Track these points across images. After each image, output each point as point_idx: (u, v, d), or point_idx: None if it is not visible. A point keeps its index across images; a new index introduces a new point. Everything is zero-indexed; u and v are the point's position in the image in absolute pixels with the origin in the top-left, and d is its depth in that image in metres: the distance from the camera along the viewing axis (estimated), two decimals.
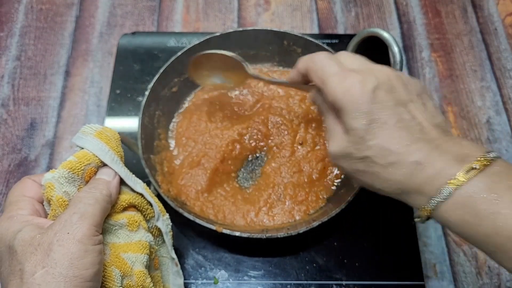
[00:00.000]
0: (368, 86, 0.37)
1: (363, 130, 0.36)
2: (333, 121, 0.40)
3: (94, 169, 0.40)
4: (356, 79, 0.37)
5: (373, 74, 0.38)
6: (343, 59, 0.41)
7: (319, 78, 0.40)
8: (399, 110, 0.37)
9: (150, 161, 0.54)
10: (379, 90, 0.37)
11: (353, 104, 0.37)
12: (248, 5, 0.76)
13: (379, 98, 0.37)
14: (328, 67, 0.40)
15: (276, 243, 0.53)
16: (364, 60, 0.41)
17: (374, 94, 0.37)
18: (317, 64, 0.41)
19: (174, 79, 0.60)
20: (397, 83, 0.38)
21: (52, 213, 0.38)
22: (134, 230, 0.41)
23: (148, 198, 0.43)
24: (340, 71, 0.39)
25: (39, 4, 0.75)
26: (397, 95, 0.37)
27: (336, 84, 0.38)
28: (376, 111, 0.36)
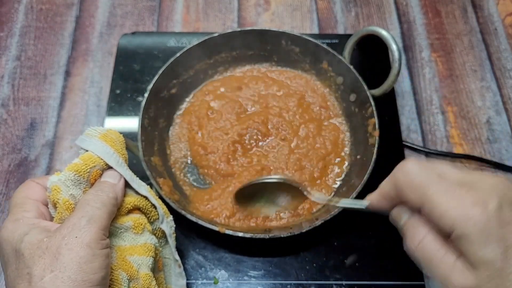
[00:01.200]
0: (490, 205, 0.30)
1: (499, 261, 0.30)
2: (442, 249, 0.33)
3: (99, 172, 0.40)
4: (473, 199, 0.31)
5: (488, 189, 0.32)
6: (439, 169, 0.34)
7: (418, 197, 0.33)
8: None
9: (151, 163, 0.54)
10: (504, 207, 0.31)
11: (479, 230, 0.30)
12: (248, 5, 0.76)
13: (508, 217, 0.31)
14: (428, 182, 0.33)
15: (277, 243, 0.53)
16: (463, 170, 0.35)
17: (501, 214, 0.30)
18: (412, 177, 0.34)
19: (173, 81, 0.60)
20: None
21: (58, 216, 0.38)
22: (139, 233, 0.41)
23: (152, 201, 0.43)
24: (447, 188, 0.32)
25: (39, 4, 0.75)
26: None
27: (448, 206, 0.31)
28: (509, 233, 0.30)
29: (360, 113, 0.58)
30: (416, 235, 0.34)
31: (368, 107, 0.56)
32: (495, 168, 0.62)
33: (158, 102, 0.58)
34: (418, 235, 0.34)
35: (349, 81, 0.59)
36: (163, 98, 0.59)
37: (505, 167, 0.62)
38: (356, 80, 0.58)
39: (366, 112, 0.57)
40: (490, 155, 0.63)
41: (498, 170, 0.62)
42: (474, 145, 0.64)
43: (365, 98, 0.57)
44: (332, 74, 0.61)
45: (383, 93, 0.57)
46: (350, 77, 0.59)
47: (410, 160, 0.35)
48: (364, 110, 0.57)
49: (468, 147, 0.64)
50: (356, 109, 0.59)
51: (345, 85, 0.60)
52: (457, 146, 0.64)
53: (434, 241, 0.33)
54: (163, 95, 0.59)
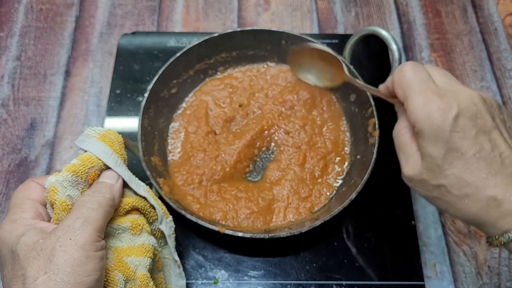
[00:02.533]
0: (450, 113, 0.35)
1: (440, 159, 0.36)
2: (410, 139, 0.40)
3: (97, 172, 0.40)
4: (439, 105, 0.36)
5: (457, 99, 0.36)
6: (430, 74, 0.39)
7: (403, 93, 0.39)
8: (480, 140, 0.35)
9: (151, 163, 0.54)
10: (461, 117, 0.35)
11: (433, 130, 0.36)
12: (248, 5, 0.76)
13: (461, 127, 0.35)
14: (412, 83, 0.38)
15: (277, 243, 0.53)
16: (450, 78, 0.39)
17: (456, 122, 0.35)
18: (402, 77, 0.39)
19: (173, 81, 0.60)
20: (482, 107, 0.36)
21: (55, 217, 0.38)
22: (137, 234, 0.41)
23: (151, 201, 0.43)
24: (424, 90, 0.37)
25: (39, 4, 0.75)
26: (480, 122, 0.36)
27: (418, 106, 0.37)
28: (456, 140, 0.35)
29: (360, 113, 0.58)
30: (398, 125, 0.41)
31: (368, 107, 0.56)
32: None
33: (158, 102, 0.58)
34: (399, 125, 0.41)
35: None
36: (163, 98, 0.59)
37: None
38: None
39: (366, 112, 0.57)
40: None
41: None
42: None
43: (365, 98, 0.57)
44: None
45: None
46: None
47: (409, 62, 0.40)
48: (364, 110, 0.57)
49: None
50: (356, 109, 0.59)
51: (345, 85, 0.60)
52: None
53: (407, 133, 0.40)
54: (163, 95, 0.59)
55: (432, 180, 0.37)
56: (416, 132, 0.38)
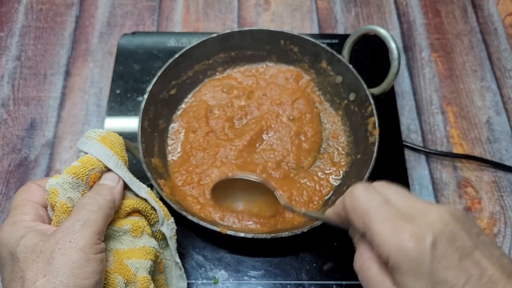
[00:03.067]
0: (426, 241, 0.31)
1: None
2: (379, 273, 0.34)
3: (98, 174, 0.40)
4: (410, 233, 0.31)
5: (426, 222, 0.32)
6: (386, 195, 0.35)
7: (361, 223, 0.34)
8: (466, 265, 0.31)
9: (151, 164, 0.54)
10: (438, 243, 0.31)
11: (411, 264, 0.31)
12: (248, 5, 0.76)
13: (441, 254, 0.31)
14: (372, 209, 0.34)
15: (277, 243, 0.53)
16: (408, 197, 0.35)
17: (434, 250, 0.31)
18: (358, 202, 0.35)
19: (172, 82, 0.60)
20: (456, 226, 0.32)
21: (55, 219, 0.38)
22: (138, 236, 0.41)
23: (152, 203, 0.43)
24: (388, 216, 0.33)
25: (39, 4, 0.75)
26: (460, 244, 0.31)
27: (387, 237, 0.32)
28: (440, 270, 0.31)
29: (360, 112, 0.58)
30: (360, 257, 0.36)
31: (368, 106, 0.56)
32: (495, 168, 0.62)
33: (157, 103, 0.58)
34: (361, 257, 0.36)
35: (348, 80, 0.59)
36: (162, 99, 0.59)
37: (505, 167, 0.62)
38: (355, 79, 0.58)
39: (366, 111, 0.57)
40: (490, 155, 0.63)
41: (498, 170, 0.62)
42: (474, 145, 0.64)
43: (364, 97, 0.57)
44: (331, 73, 0.62)
45: (382, 92, 0.57)
46: (349, 76, 0.59)
47: (359, 185, 0.36)
48: (363, 109, 0.57)
49: (468, 147, 0.64)
50: (356, 108, 0.59)
51: (344, 84, 0.60)
52: (457, 146, 0.64)
53: (374, 266, 0.34)
54: (162, 96, 0.59)
55: None
56: (389, 267, 0.32)
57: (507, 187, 0.61)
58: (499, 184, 0.61)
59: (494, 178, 0.62)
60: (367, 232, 0.34)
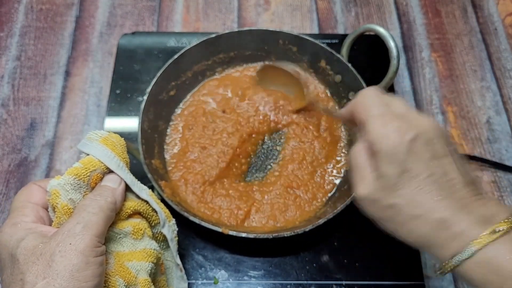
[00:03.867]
0: (407, 135, 0.37)
1: (395, 177, 0.37)
2: (366, 160, 0.40)
3: (100, 176, 0.40)
4: (397, 127, 0.37)
5: (414, 124, 0.38)
6: (389, 100, 0.40)
7: (362, 115, 0.40)
8: (433, 164, 0.37)
9: (152, 165, 0.54)
10: (417, 141, 0.37)
11: (390, 150, 0.37)
12: (248, 5, 0.76)
13: (416, 149, 0.36)
14: (373, 106, 0.39)
15: (277, 243, 0.53)
16: (409, 107, 0.40)
17: (412, 145, 0.36)
18: (363, 100, 0.41)
19: (172, 83, 0.60)
20: (436, 136, 0.38)
21: (56, 220, 0.38)
22: (138, 238, 0.41)
23: (153, 205, 0.43)
24: (383, 113, 0.39)
25: (39, 4, 0.75)
26: (434, 148, 0.37)
27: (377, 127, 0.38)
28: (411, 161, 0.36)
29: None
30: (356, 146, 0.41)
31: None
32: (495, 168, 0.62)
33: (157, 104, 0.58)
34: (357, 146, 0.41)
35: (347, 79, 0.59)
36: (162, 100, 0.59)
37: (505, 167, 0.62)
38: (355, 78, 0.58)
39: None
40: (490, 155, 0.63)
41: (498, 170, 0.62)
42: (474, 145, 0.64)
43: None
44: (330, 72, 0.62)
45: None
46: (348, 76, 0.59)
47: (371, 88, 0.42)
48: None
49: (468, 147, 0.64)
50: None
51: (343, 83, 0.60)
52: (457, 146, 0.64)
53: (364, 154, 0.40)
54: (161, 97, 0.59)
55: (385, 199, 0.38)
56: (373, 152, 0.38)
57: (507, 187, 0.61)
58: (499, 184, 0.61)
59: (494, 178, 0.62)
60: (365, 124, 0.39)
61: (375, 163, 0.38)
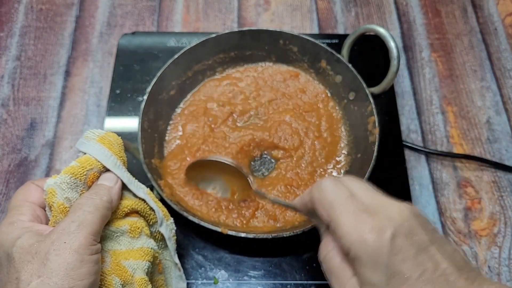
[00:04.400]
0: (386, 234, 0.32)
1: (383, 286, 0.32)
2: (340, 263, 0.36)
3: (96, 174, 0.40)
4: (372, 226, 0.33)
5: (388, 216, 0.34)
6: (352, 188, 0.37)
7: (327, 214, 0.36)
8: (421, 259, 0.33)
9: (151, 165, 0.54)
10: (397, 237, 0.33)
11: (370, 255, 0.33)
12: (248, 5, 0.76)
13: (399, 247, 0.32)
14: (337, 202, 0.35)
15: (277, 243, 0.53)
16: (373, 192, 0.37)
17: (393, 243, 0.32)
18: (325, 195, 0.37)
19: (172, 82, 0.60)
20: (415, 222, 0.34)
21: (53, 219, 0.38)
22: (136, 237, 0.41)
23: (150, 204, 0.43)
24: (351, 210, 0.35)
25: (39, 4, 0.75)
26: (417, 239, 0.33)
27: (349, 229, 0.34)
28: (397, 263, 0.32)
29: (360, 111, 0.58)
30: (324, 247, 0.37)
31: (368, 105, 0.56)
32: (495, 168, 0.62)
33: (157, 104, 0.58)
34: (325, 248, 0.37)
35: (348, 79, 0.59)
36: (162, 100, 0.59)
37: (505, 167, 0.62)
38: (355, 78, 0.58)
39: (366, 110, 0.57)
40: (490, 155, 0.63)
41: (498, 170, 0.62)
42: (474, 145, 0.64)
43: (364, 96, 0.57)
44: (330, 72, 0.62)
45: (382, 91, 0.57)
46: (349, 76, 0.59)
47: (327, 179, 0.38)
48: (363, 108, 0.57)
49: (468, 147, 0.64)
50: (356, 108, 0.59)
51: (344, 83, 0.60)
52: (457, 146, 0.64)
53: (336, 257, 0.36)
54: (162, 97, 0.59)
55: None
56: (350, 258, 0.34)
57: (507, 187, 0.61)
58: (499, 184, 0.61)
59: (494, 178, 0.62)
60: (331, 224, 0.35)
61: (354, 268, 0.34)
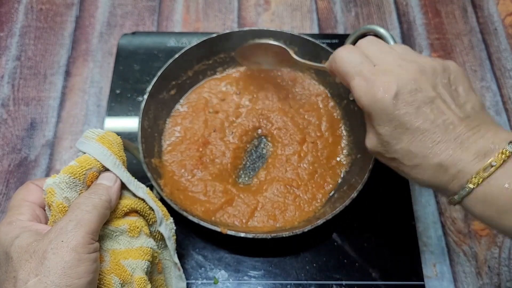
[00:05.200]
0: (390, 92, 0.38)
1: (388, 136, 0.39)
2: (366, 117, 0.43)
3: (96, 174, 0.40)
4: (378, 85, 0.38)
5: (396, 76, 0.38)
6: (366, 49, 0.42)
7: (344, 80, 0.42)
8: (422, 112, 0.37)
9: (151, 164, 0.54)
10: (401, 94, 0.38)
11: (377, 111, 0.39)
12: (248, 5, 0.76)
13: (402, 103, 0.38)
14: (350, 67, 0.41)
15: (277, 243, 0.53)
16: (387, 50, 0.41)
17: (397, 100, 0.38)
18: (339, 64, 0.42)
19: (172, 82, 0.60)
20: (422, 79, 0.38)
21: (52, 219, 0.38)
22: (135, 236, 0.41)
23: (150, 203, 0.43)
24: (362, 71, 0.40)
25: (39, 4, 0.75)
26: (421, 95, 0.38)
27: (360, 91, 0.40)
28: (399, 116, 0.38)
29: (360, 112, 0.57)
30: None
31: None
32: None
33: (157, 103, 0.58)
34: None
35: None
36: (162, 100, 0.59)
37: None
38: None
39: None
40: None
41: None
42: None
43: None
44: None
45: None
46: None
47: (340, 49, 0.43)
48: None
49: None
50: (356, 108, 0.59)
51: (344, 84, 0.60)
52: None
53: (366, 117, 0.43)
54: (162, 96, 0.59)
55: (386, 154, 0.41)
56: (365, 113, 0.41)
57: None
58: None
59: None
60: (349, 88, 0.41)
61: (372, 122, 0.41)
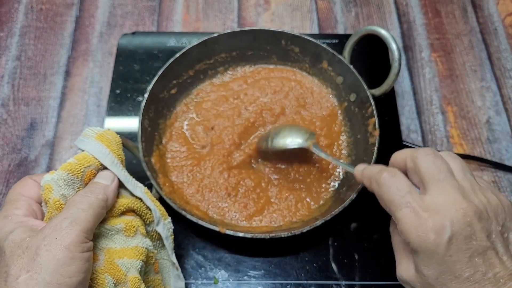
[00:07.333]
0: (443, 236, 0.35)
1: (434, 280, 0.36)
2: (401, 244, 0.40)
3: (94, 172, 0.40)
4: (431, 225, 0.35)
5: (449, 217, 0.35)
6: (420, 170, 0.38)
7: (388, 208, 0.39)
8: (474, 263, 0.35)
9: (151, 163, 0.54)
10: (455, 240, 0.35)
11: (427, 252, 0.35)
12: (248, 5, 0.76)
13: (454, 250, 0.35)
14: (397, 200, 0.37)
15: (277, 243, 0.53)
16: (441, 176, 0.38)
17: (449, 246, 0.35)
18: (384, 190, 0.39)
19: (173, 81, 0.60)
20: (477, 226, 0.35)
21: (48, 215, 0.38)
22: (131, 236, 0.41)
23: (147, 203, 0.43)
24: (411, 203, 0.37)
25: (39, 4, 0.75)
26: (476, 243, 0.35)
27: (408, 224, 0.36)
28: (450, 263, 0.35)
29: (360, 112, 0.58)
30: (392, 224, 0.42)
31: (368, 106, 0.56)
32: (495, 168, 0.62)
33: (158, 102, 0.58)
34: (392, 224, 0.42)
35: (349, 81, 0.59)
36: (163, 99, 0.59)
37: (505, 167, 0.62)
38: (356, 79, 0.58)
39: (366, 111, 0.57)
40: (490, 155, 0.63)
41: (498, 170, 0.62)
42: (474, 145, 0.64)
43: (365, 97, 0.57)
44: (332, 74, 0.61)
45: (383, 93, 0.57)
46: (350, 77, 0.59)
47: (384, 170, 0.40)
48: (364, 110, 0.57)
49: (468, 147, 0.64)
50: (356, 109, 0.59)
51: (345, 84, 0.60)
52: (457, 146, 0.64)
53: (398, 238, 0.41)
54: (163, 95, 0.59)
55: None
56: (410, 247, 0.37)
57: (507, 187, 0.61)
58: (499, 184, 0.61)
59: (494, 178, 0.62)
60: (392, 216, 0.38)
61: (414, 257, 0.37)
